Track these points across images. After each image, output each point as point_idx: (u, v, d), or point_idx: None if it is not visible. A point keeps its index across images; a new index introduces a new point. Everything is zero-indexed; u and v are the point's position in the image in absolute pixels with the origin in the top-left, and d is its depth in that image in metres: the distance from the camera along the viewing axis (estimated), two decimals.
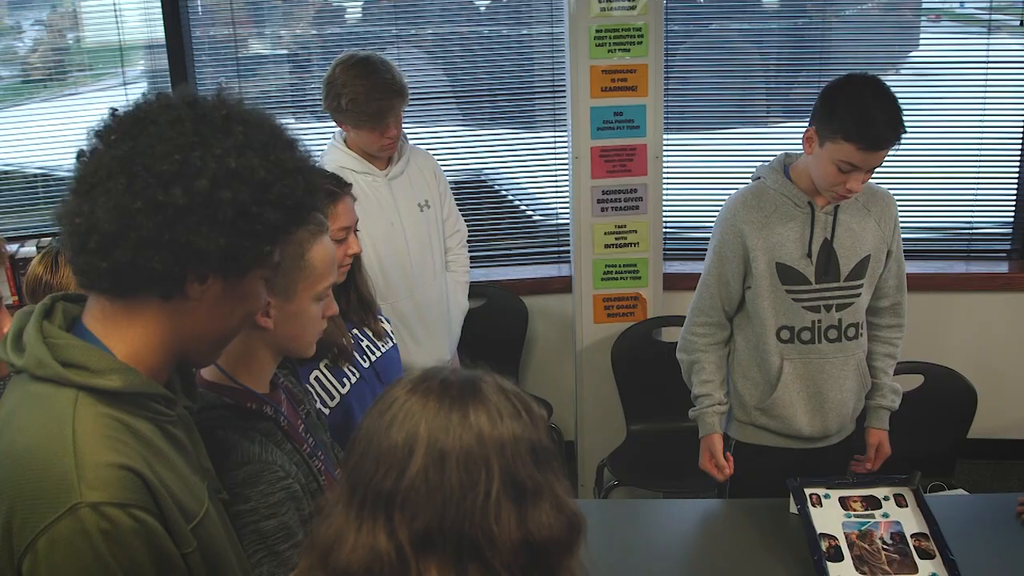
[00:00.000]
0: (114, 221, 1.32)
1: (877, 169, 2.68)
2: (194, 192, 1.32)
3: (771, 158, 2.91)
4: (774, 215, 2.80)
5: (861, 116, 2.57)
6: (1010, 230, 4.65)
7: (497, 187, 4.72)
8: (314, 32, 4.53)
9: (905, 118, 2.61)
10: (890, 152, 2.64)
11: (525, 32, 4.43)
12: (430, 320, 3.45)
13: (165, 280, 1.36)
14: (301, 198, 1.41)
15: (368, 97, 3.12)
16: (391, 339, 2.53)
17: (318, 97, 3.29)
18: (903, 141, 2.63)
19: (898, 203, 2.93)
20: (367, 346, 2.43)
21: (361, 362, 2.39)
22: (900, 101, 2.63)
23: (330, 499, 1.30)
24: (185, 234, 1.32)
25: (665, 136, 4.07)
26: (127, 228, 1.32)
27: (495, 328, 4.27)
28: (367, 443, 1.26)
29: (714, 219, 2.97)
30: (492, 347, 4.21)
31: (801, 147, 2.76)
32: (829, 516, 2.63)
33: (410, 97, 3.29)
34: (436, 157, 3.71)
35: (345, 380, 2.33)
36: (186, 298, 1.38)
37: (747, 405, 2.94)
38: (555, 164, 4.50)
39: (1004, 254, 4.66)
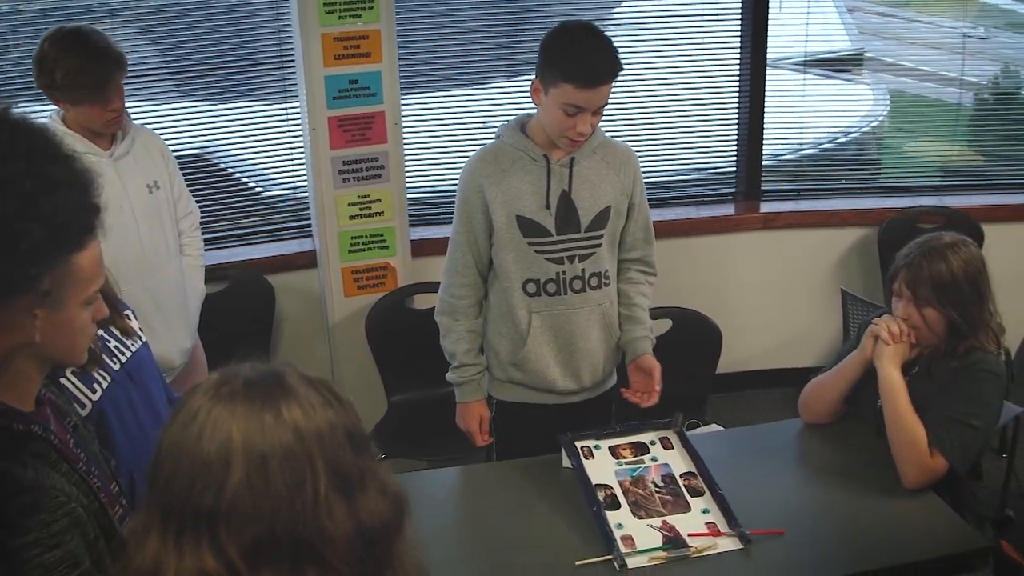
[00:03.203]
0: None
1: (608, 122, 2.74)
2: None
3: (507, 115, 2.94)
4: (511, 169, 2.82)
5: (576, 55, 2.64)
6: (733, 171, 4.89)
7: (227, 164, 4.52)
8: (8, 7, 4.17)
9: (626, 69, 2.68)
10: (620, 106, 2.70)
11: (244, 1, 4.23)
12: (167, 307, 3.29)
13: None
14: (71, 215, 1.26)
15: (85, 69, 2.96)
16: (140, 337, 2.36)
17: (22, 79, 3.05)
18: (627, 92, 2.70)
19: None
20: (115, 347, 2.26)
21: (111, 364, 2.21)
22: (620, 52, 2.69)
23: (137, 527, 1.19)
24: None
25: (402, 101, 4.01)
26: None
27: (241, 310, 4.11)
28: (175, 460, 1.16)
29: (451, 181, 2.96)
30: (240, 329, 4.05)
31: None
32: (602, 466, 2.69)
33: (128, 71, 3.12)
34: (160, 137, 3.51)
35: (95, 386, 2.15)
36: None
37: (503, 362, 2.96)
38: (289, 136, 4.34)
39: (730, 196, 4.91)
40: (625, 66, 2.72)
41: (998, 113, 5.22)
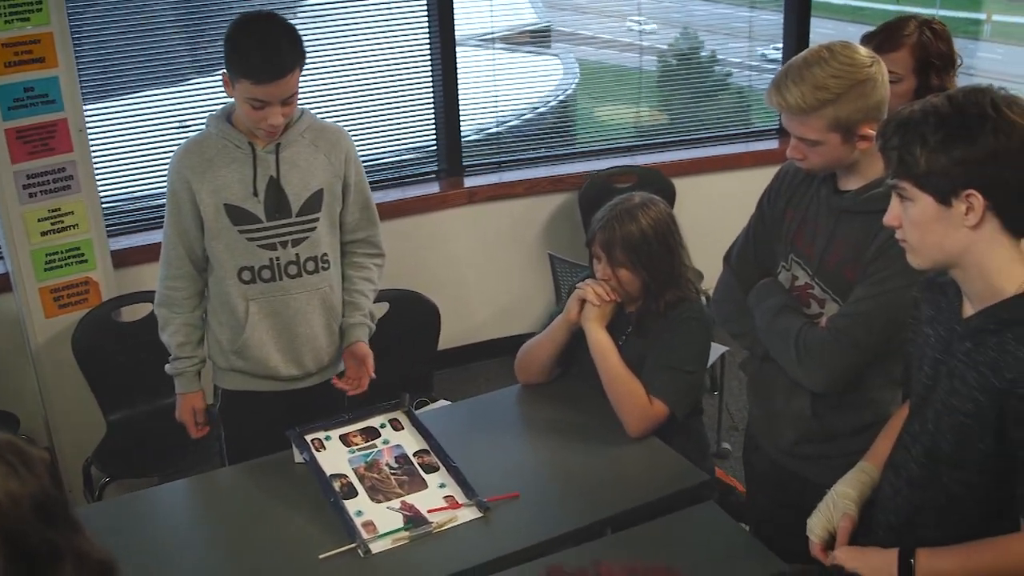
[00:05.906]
0: None
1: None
2: None
3: (204, 113, 2.87)
4: (217, 158, 2.78)
5: (249, 51, 2.60)
6: (435, 149, 4.95)
7: None
8: None
9: (318, 55, 2.66)
10: (313, 94, 2.69)
11: None
12: None
13: None
14: None
15: None
16: None
17: None
18: (320, 80, 2.69)
19: None
20: None
21: None
22: (310, 39, 2.66)
23: None
24: None
25: (88, 107, 3.82)
26: None
27: None
28: None
29: (151, 186, 2.87)
30: None
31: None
32: (335, 456, 2.68)
33: None
34: None
35: None
36: None
37: (225, 350, 2.94)
38: None
39: (433, 174, 4.97)
40: (317, 52, 2.70)
41: (680, 74, 5.54)
